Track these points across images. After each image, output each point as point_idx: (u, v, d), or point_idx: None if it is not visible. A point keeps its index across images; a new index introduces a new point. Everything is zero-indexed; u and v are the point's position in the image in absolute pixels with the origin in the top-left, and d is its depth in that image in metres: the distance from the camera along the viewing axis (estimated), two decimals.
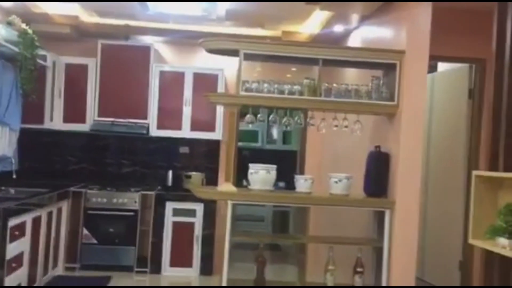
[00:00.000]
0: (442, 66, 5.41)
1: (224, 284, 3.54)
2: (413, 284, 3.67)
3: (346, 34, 5.20)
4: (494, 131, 2.54)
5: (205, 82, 5.84)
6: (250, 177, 3.73)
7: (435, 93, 5.23)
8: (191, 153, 6.10)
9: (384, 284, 3.65)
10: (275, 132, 7.87)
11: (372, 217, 3.92)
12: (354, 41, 5.02)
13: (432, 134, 5.22)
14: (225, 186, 3.67)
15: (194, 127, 5.82)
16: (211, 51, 3.81)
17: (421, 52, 3.66)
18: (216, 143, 6.01)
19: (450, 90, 5.01)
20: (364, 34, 4.74)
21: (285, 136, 7.75)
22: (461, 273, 4.74)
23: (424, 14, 3.64)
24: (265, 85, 3.69)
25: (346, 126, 3.84)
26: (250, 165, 3.75)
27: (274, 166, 3.74)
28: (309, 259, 3.88)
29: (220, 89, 5.79)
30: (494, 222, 2.45)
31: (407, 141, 3.65)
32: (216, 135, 5.87)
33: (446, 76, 5.06)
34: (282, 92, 3.70)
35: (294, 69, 5.51)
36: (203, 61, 5.99)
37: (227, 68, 5.78)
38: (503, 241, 2.23)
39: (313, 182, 3.72)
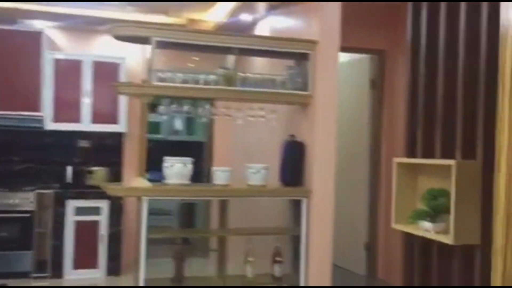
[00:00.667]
0: (342, 57, 5.60)
1: (141, 284, 3.36)
2: (329, 270, 3.78)
3: (253, 24, 5.18)
4: (410, 119, 2.66)
5: (106, 71, 5.48)
6: (165, 170, 3.57)
7: (339, 83, 5.40)
8: (93, 147, 5.71)
9: (302, 271, 3.71)
10: (178, 123, 7.64)
11: (289, 206, 3.96)
12: (261, 30, 5.01)
13: (338, 123, 5.39)
14: (139, 181, 3.48)
15: (95, 120, 5.45)
16: (120, 38, 3.57)
17: (332, 42, 3.74)
18: (120, 136, 5.70)
19: (352, 80, 5.20)
20: (273, 24, 4.75)
21: (190, 127, 7.57)
22: (367, 253, 4.98)
23: (334, 4, 3.71)
24: (179, 74, 3.54)
25: (262, 116, 3.82)
26: (165, 158, 3.59)
27: (190, 159, 3.62)
28: (229, 252, 3.82)
29: (123, 78, 5.48)
30: (414, 207, 2.57)
31: (322, 130, 3.73)
32: (119, 127, 5.55)
33: (348, 66, 5.24)
34: (197, 81, 3.57)
35: (197, 58, 5.38)
36: (101, 49, 5.63)
37: (129, 57, 5.49)
38: (426, 224, 2.34)
39: (231, 174, 3.66)
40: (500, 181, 1.11)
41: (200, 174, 5.57)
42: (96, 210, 5.24)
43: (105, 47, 5.64)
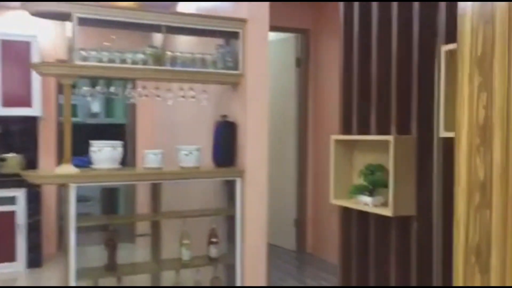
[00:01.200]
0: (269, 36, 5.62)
1: (72, 274, 3.19)
2: (265, 248, 3.82)
3: (174, 2, 5.02)
4: (345, 96, 2.72)
5: (15, 51, 5.06)
6: (93, 155, 3.39)
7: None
8: (4, 132, 5.30)
9: (238, 251, 3.73)
10: (95, 105, 7.31)
11: (223, 187, 3.93)
12: (184, 9, 4.87)
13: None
14: (65, 167, 3.27)
15: (5, 103, 5.04)
16: (37, 14, 3.29)
17: (262, 21, 3.72)
18: (34, 120, 5.33)
19: (278, 59, 5.24)
20: (198, 2, 4.63)
21: (108, 109, 7.27)
22: (296, 230, 5.11)
23: None
24: (105, 53, 3.36)
25: (193, 97, 3.74)
26: (92, 142, 3.41)
27: (120, 142, 3.47)
28: (163, 236, 3.74)
29: (35, 58, 5.10)
30: (351, 182, 2.65)
31: (254, 110, 3.72)
32: (33, 111, 5.18)
33: (274, 45, 5.26)
34: (124, 61, 3.41)
35: (113, 36, 5.13)
36: (6, 26, 5.19)
37: (41, 35, 5.13)
38: (365, 198, 2.43)
39: (163, 156, 3.56)
40: (460, 156, 1.16)
41: (124, 158, 5.38)
42: (11, 200, 4.89)
43: (10, 24, 5.20)
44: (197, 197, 4.09)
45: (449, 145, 2.14)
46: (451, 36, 2.12)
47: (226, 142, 3.80)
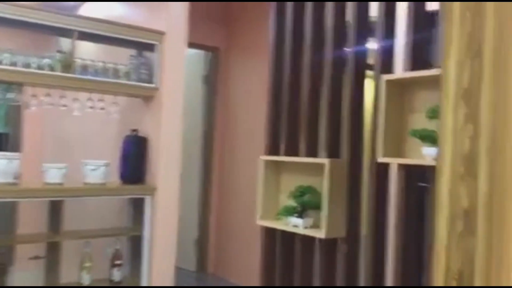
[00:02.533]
0: None
1: None
2: (172, 270, 3.66)
3: (77, 5, 4.70)
4: (273, 117, 2.72)
5: None
6: None
7: None
8: None
9: (144, 273, 3.52)
10: None
11: (130, 205, 3.71)
12: (86, 12, 4.58)
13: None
14: None
15: None
16: None
17: (180, 34, 3.63)
18: None
19: (186, 75, 5.12)
20: (104, 8, 4.38)
21: None
22: (197, 250, 4.99)
23: None
24: (6, 55, 3.01)
25: (102, 108, 3.50)
26: None
27: (18, 154, 3.12)
28: (62, 259, 3.39)
29: None
30: (277, 204, 2.65)
31: (168, 125, 3.58)
32: None
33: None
34: (27, 65, 3.08)
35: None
36: None
37: None
38: (295, 220, 2.43)
39: (66, 171, 3.26)
40: (443, 185, 1.20)
41: None
42: None
43: None
44: (102, 215, 3.80)
45: (381, 170, 2.24)
46: (386, 66, 2.24)
47: (135, 157, 3.60)
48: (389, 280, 2.22)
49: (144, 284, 3.53)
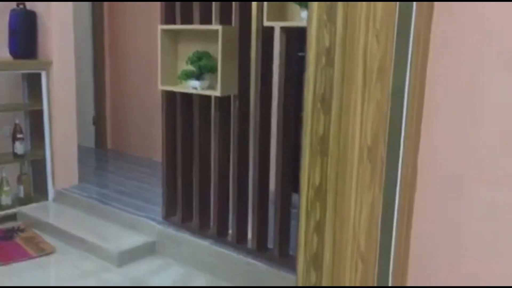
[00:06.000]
0: None
1: None
2: (75, 144, 3.83)
3: None
4: None
5: None
6: None
7: None
8: None
9: (47, 146, 3.66)
10: None
11: (24, 80, 3.71)
12: None
13: None
14: None
15: None
16: None
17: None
18: None
19: None
20: None
21: None
22: (95, 127, 5.13)
23: None
24: None
25: None
26: None
27: None
28: None
29: None
30: (176, 70, 2.88)
31: None
32: None
33: None
34: None
35: None
36: None
37: None
38: (193, 83, 2.69)
39: None
40: (312, 29, 1.51)
41: None
42: None
43: None
44: None
45: (267, 34, 2.54)
46: None
47: (24, 32, 3.54)
48: (274, 130, 2.62)
49: (48, 156, 3.68)
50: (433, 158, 1.51)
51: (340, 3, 1.46)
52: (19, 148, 3.59)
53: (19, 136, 3.58)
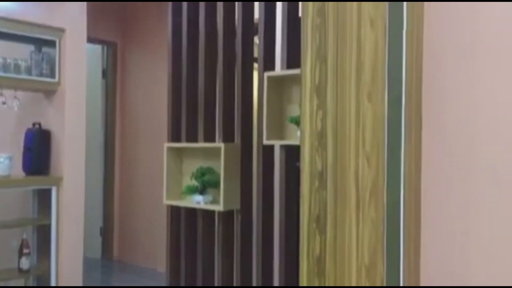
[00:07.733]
0: None
1: None
2: (81, 258, 3.84)
3: None
4: (174, 107, 3.04)
5: None
6: None
7: None
8: None
9: (53, 261, 3.67)
10: None
11: (34, 196, 3.81)
12: None
13: None
14: None
15: None
16: None
17: (80, 30, 3.79)
18: None
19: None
20: (2, 5, 4.36)
21: None
22: (102, 238, 5.15)
23: None
24: None
25: (3, 103, 3.57)
26: None
27: None
28: None
29: None
30: (180, 185, 2.98)
31: (71, 118, 3.75)
32: None
33: None
34: None
35: None
36: None
37: None
38: (197, 197, 2.78)
39: None
40: (305, 154, 1.62)
41: None
42: None
43: None
44: (7, 207, 3.86)
45: (268, 151, 2.66)
46: (268, 62, 2.65)
47: (38, 150, 3.72)
48: (276, 241, 2.65)
49: (53, 272, 3.68)
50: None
51: (329, 131, 1.58)
52: (25, 263, 3.60)
53: (25, 251, 3.61)
